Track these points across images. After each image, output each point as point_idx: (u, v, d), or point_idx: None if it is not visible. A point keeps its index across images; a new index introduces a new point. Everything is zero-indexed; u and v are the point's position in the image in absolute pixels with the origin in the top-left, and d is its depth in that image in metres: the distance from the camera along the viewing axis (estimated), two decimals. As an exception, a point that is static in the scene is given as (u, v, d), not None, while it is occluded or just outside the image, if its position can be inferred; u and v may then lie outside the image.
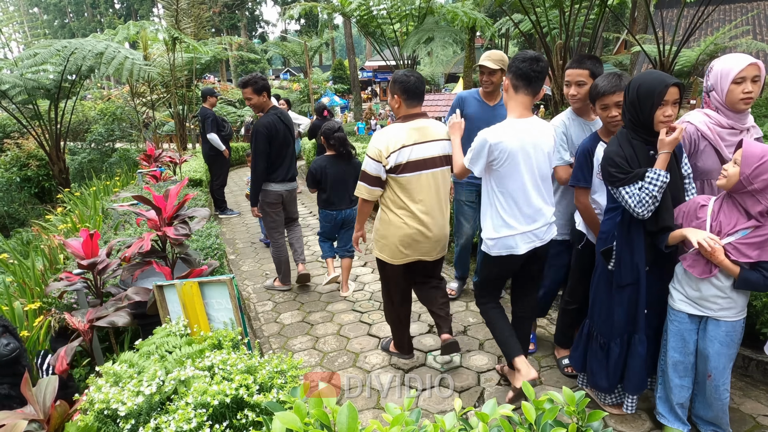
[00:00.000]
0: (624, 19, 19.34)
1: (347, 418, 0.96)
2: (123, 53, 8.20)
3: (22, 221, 9.19)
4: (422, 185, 2.77)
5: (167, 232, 2.46)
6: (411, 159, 2.71)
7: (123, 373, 1.58)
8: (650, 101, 2.14)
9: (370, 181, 2.77)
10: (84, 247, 2.42)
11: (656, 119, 2.16)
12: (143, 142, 12.22)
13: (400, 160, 2.70)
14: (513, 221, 2.49)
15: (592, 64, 2.72)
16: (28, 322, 2.78)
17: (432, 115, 16.35)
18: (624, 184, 2.21)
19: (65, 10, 56.32)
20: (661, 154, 2.16)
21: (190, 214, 2.68)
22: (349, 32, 18.11)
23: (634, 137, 2.24)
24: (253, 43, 46.17)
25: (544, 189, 2.53)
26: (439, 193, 2.84)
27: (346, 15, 11.46)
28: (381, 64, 31.10)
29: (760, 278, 2.04)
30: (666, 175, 2.13)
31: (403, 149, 2.69)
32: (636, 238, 2.29)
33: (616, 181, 2.23)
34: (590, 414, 1.06)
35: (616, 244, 2.35)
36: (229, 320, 2.05)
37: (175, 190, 2.66)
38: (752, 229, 2.04)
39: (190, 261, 2.57)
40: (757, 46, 12.00)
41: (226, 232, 6.83)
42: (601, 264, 2.47)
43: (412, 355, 3.26)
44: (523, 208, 2.48)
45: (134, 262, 2.47)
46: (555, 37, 9.77)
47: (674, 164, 2.25)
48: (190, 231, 2.51)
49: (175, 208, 2.58)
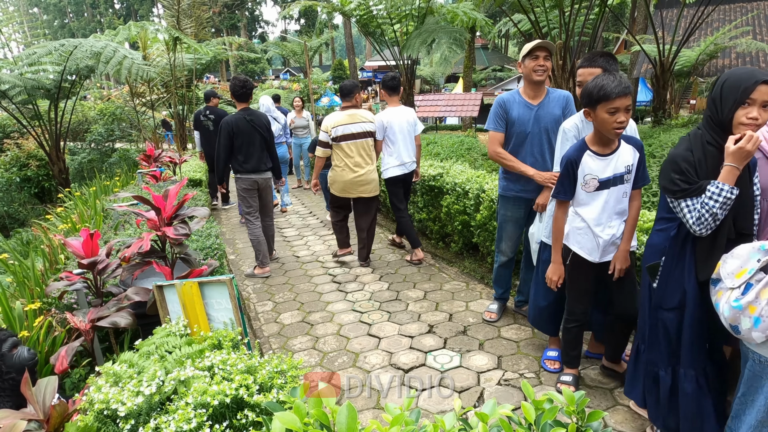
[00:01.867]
0: (624, 19, 19.35)
1: (347, 418, 0.96)
2: (122, 53, 8.21)
3: (22, 221, 9.20)
4: (351, 149, 4.72)
5: (167, 232, 2.45)
6: (344, 133, 4.69)
7: (123, 373, 1.58)
8: (733, 97, 1.82)
9: (321, 145, 4.79)
10: (84, 246, 2.42)
11: (736, 119, 1.84)
12: (143, 142, 12.22)
13: (337, 134, 4.68)
14: None
15: (605, 62, 2.57)
16: (28, 321, 2.78)
17: (432, 115, 16.24)
18: (686, 196, 1.90)
19: (65, 11, 56.30)
20: (726, 166, 1.84)
21: (189, 213, 2.67)
22: (349, 32, 18.11)
23: (710, 141, 1.92)
24: (253, 43, 46.16)
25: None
26: (362, 155, 4.76)
27: (346, 15, 11.46)
28: (381, 64, 31.12)
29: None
30: (731, 190, 1.82)
31: (338, 127, 4.68)
32: (689, 258, 2.00)
33: (677, 191, 1.91)
34: (590, 414, 1.06)
35: (665, 260, 2.09)
36: (229, 320, 2.05)
37: (174, 190, 2.66)
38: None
39: (189, 261, 2.56)
40: (757, 46, 11.99)
41: (226, 232, 6.83)
42: (646, 280, 2.21)
43: (348, 247, 5.21)
44: None
45: (134, 263, 2.47)
46: (555, 37, 9.76)
47: (746, 180, 1.90)
48: (189, 231, 2.51)
49: (174, 208, 2.58)
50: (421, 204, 5.47)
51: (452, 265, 4.98)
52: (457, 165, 5.44)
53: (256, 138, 4.76)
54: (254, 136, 4.75)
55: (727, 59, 13.48)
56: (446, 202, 4.94)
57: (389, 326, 3.77)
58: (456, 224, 4.85)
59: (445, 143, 8.98)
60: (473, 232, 4.69)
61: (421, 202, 5.45)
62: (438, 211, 5.26)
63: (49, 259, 3.86)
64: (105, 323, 2.13)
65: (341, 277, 4.87)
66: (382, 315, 3.96)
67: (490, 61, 35.44)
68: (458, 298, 4.20)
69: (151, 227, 2.53)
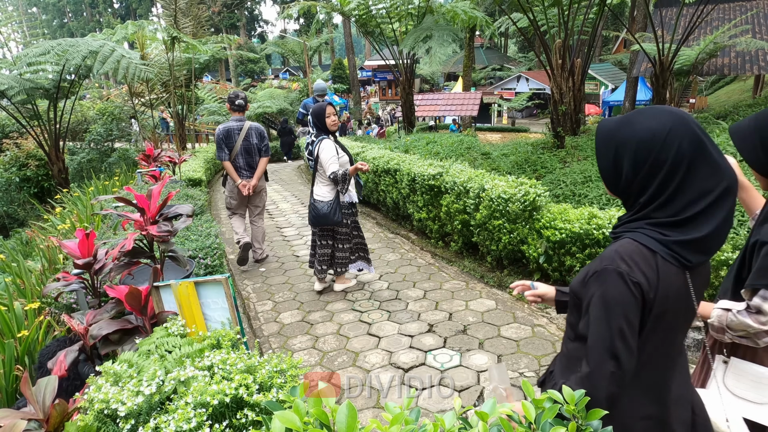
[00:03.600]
0: (623, 18, 19.34)
1: (346, 417, 0.96)
2: (119, 52, 8.19)
3: (21, 221, 9.20)
4: None
5: (151, 231, 2.46)
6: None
7: (123, 372, 1.57)
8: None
9: None
10: (80, 247, 2.42)
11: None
12: (142, 141, 12.22)
13: None
14: None
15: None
16: (28, 321, 2.78)
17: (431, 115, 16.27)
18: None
19: (64, 10, 56.27)
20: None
21: (173, 212, 2.68)
22: (348, 32, 18.10)
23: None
24: (252, 42, 46.15)
25: None
26: None
27: (345, 14, 11.46)
28: (380, 64, 31.10)
29: None
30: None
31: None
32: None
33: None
34: (590, 413, 1.06)
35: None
36: (226, 320, 2.05)
37: (157, 189, 2.66)
38: None
39: (177, 258, 2.56)
40: (757, 44, 11.99)
41: (226, 231, 6.83)
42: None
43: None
44: None
45: (123, 263, 2.47)
46: (554, 35, 9.76)
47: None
48: (173, 228, 2.51)
49: (158, 207, 2.58)
50: (421, 203, 5.47)
51: (452, 265, 4.98)
52: (456, 164, 5.44)
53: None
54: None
55: (727, 58, 13.47)
56: (446, 201, 4.93)
57: (389, 325, 3.77)
58: (456, 223, 4.85)
59: (445, 142, 8.98)
60: (473, 231, 4.69)
61: (421, 201, 5.45)
62: (438, 210, 5.26)
63: (49, 260, 3.85)
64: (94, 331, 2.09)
65: (341, 276, 4.87)
66: (382, 314, 3.96)
67: (490, 60, 35.44)
68: (458, 298, 4.20)
69: (138, 228, 2.53)
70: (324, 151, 4.07)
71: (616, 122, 1.19)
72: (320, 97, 7.84)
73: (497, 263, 4.63)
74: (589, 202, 5.66)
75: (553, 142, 8.97)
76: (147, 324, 2.11)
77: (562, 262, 3.90)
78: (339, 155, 4.14)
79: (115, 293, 2.14)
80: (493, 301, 4.09)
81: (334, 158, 4.06)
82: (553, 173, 7.21)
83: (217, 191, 9.59)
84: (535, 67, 30.70)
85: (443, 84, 34.38)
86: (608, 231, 3.53)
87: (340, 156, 4.15)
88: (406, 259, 5.22)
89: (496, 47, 39.58)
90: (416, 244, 5.71)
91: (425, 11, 10.63)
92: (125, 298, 2.06)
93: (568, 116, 9.05)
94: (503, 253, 4.39)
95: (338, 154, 4.13)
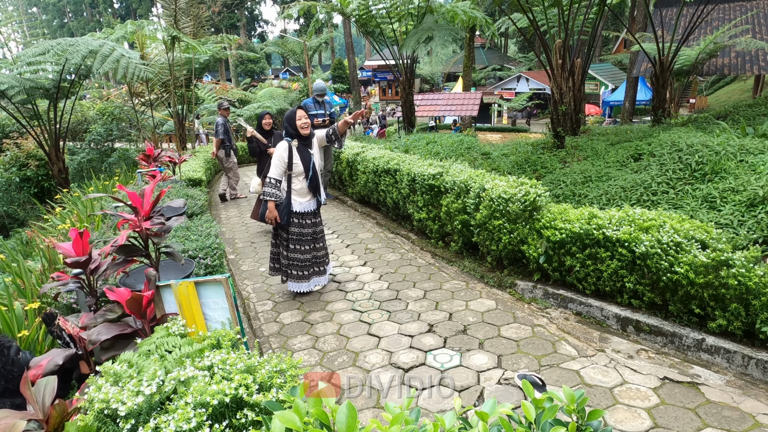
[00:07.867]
0: (623, 18, 19.34)
1: (346, 417, 0.96)
2: (119, 51, 8.19)
3: (21, 221, 9.20)
4: None
5: (145, 225, 2.48)
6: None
7: (123, 372, 1.57)
8: None
9: None
10: (75, 247, 2.42)
11: None
12: (142, 141, 12.22)
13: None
14: None
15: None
16: (28, 321, 2.78)
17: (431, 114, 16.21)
18: None
19: (64, 10, 56.27)
20: None
21: (166, 207, 2.71)
22: (348, 32, 18.10)
23: None
24: (252, 42, 46.13)
25: None
26: None
27: (345, 15, 11.45)
28: (380, 63, 31.09)
29: None
30: None
31: None
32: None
33: None
34: (590, 413, 1.06)
35: None
36: (227, 319, 2.05)
37: (149, 188, 2.69)
38: None
39: (172, 254, 2.57)
40: (757, 44, 11.99)
41: (226, 231, 6.83)
42: None
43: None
44: None
45: (118, 261, 2.47)
46: (554, 35, 9.76)
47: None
48: (166, 223, 2.54)
49: (151, 204, 2.60)
50: (421, 203, 5.47)
51: (452, 265, 4.98)
52: (456, 164, 5.43)
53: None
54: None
55: (727, 58, 13.47)
56: (446, 201, 4.93)
57: (389, 325, 3.77)
58: (456, 223, 4.85)
59: (445, 142, 8.98)
60: (473, 231, 4.69)
61: (421, 201, 5.45)
62: (438, 210, 5.26)
63: (49, 259, 3.86)
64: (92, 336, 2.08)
65: (341, 276, 4.87)
66: (382, 314, 3.96)
67: (490, 60, 35.44)
68: (458, 298, 4.20)
69: (133, 227, 2.54)
70: (275, 152, 4.10)
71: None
72: (320, 97, 7.83)
73: (497, 263, 4.63)
74: (589, 202, 5.66)
75: (553, 142, 8.97)
76: (147, 327, 2.11)
77: (562, 262, 3.90)
78: (294, 162, 4.08)
79: (116, 296, 2.14)
80: (493, 301, 4.09)
81: (279, 162, 4.06)
82: (553, 173, 7.20)
83: (217, 191, 9.58)
84: (535, 67, 30.71)
85: (443, 84, 34.37)
86: (608, 231, 3.52)
87: (294, 163, 4.09)
88: (406, 259, 5.22)
89: (496, 47, 39.57)
90: (416, 244, 5.71)
91: (425, 11, 10.62)
92: (126, 303, 2.06)
93: (568, 116, 9.05)
94: (503, 253, 4.39)
95: (292, 161, 4.08)
